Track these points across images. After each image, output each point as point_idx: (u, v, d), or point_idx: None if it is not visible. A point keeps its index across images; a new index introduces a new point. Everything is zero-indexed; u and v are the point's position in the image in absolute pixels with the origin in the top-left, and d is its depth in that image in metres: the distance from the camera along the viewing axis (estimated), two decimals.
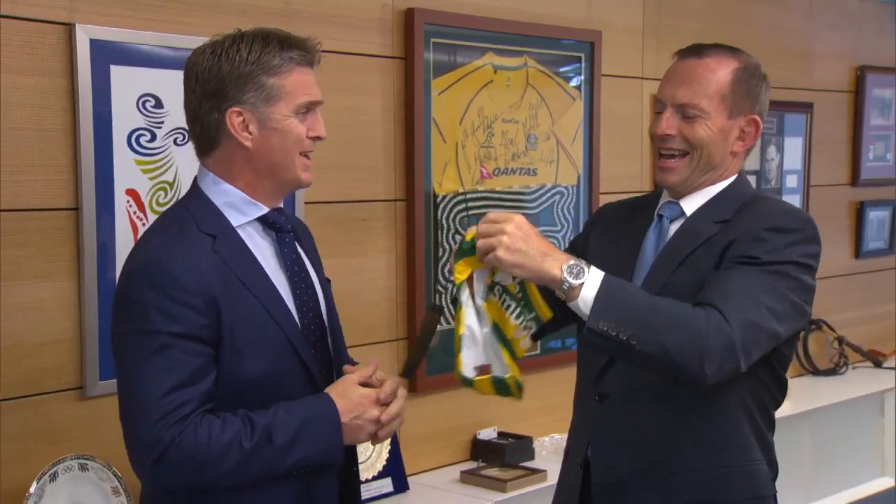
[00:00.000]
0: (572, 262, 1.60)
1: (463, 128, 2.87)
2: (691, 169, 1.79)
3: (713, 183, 1.82)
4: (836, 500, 3.90)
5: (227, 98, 1.54)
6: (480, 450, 2.91)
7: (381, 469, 2.62)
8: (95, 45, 2.09)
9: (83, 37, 2.08)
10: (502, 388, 1.70)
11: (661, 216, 1.84)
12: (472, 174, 2.91)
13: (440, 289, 2.84)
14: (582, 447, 1.84)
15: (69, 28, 2.07)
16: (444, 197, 2.84)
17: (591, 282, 1.59)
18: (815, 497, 3.82)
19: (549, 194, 3.13)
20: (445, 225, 2.85)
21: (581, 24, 3.17)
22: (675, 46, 1.87)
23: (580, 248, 1.97)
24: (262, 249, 1.61)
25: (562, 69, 3.14)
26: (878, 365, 4.29)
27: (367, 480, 2.58)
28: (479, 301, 1.66)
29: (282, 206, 1.66)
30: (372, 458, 2.62)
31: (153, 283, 1.48)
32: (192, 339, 1.49)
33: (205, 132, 1.58)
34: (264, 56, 1.55)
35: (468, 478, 2.75)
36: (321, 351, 1.66)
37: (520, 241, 1.60)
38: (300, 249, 1.68)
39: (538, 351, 3.06)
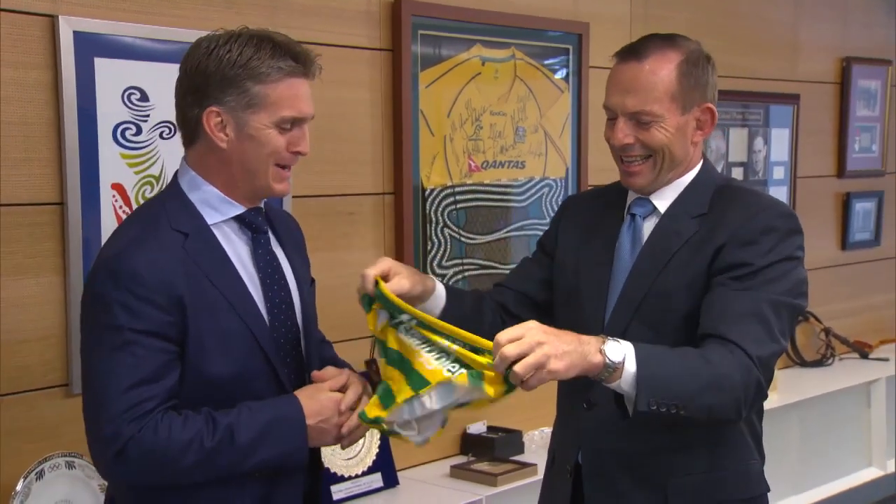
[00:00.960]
0: (605, 342, 1.56)
1: (451, 120, 2.85)
2: (656, 171, 1.77)
3: (680, 175, 1.80)
4: (824, 491, 3.92)
5: (208, 96, 1.53)
6: (470, 444, 2.90)
7: (370, 464, 2.61)
8: (79, 37, 2.06)
9: (67, 29, 2.05)
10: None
11: (633, 215, 1.82)
12: (460, 167, 2.89)
13: None
14: (570, 453, 1.82)
15: (52, 20, 2.04)
16: (432, 190, 2.82)
17: (628, 360, 1.55)
18: (802, 488, 3.84)
19: (537, 187, 3.12)
20: (434, 218, 2.83)
21: (568, 15, 3.16)
22: None
23: (550, 246, 1.95)
24: (237, 248, 1.60)
25: (549, 61, 3.13)
26: (864, 356, 4.31)
27: (356, 476, 2.57)
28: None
29: (261, 206, 1.64)
30: (362, 453, 2.61)
31: (117, 279, 1.47)
32: (155, 336, 1.48)
33: (185, 125, 1.58)
34: (253, 61, 1.52)
35: (458, 472, 2.74)
36: (292, 354, 1.64)
37: (557, 342, 1.51)
38: (279, 250, 1.66)
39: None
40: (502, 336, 1.50)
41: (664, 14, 3.46)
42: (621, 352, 1.56)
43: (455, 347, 1.55)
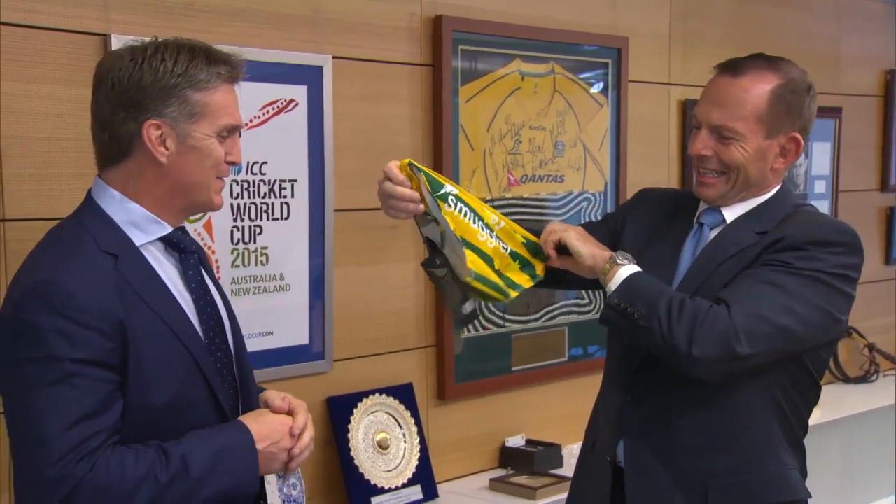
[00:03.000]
0: (624, 253, 1.76)
1: (490, 135, 2.87)
2: (729, 187, 1.78)
3: (755, 195, 1.81)
4: None
5: (147, 110, 1.45)
6: (509, 457, 2.90)
7: (410, 476, 2.62)
8: None
9: (118, 47, 2.09)
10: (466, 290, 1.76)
11: (701, 224, 1.83)
12: (499, 181, 2.91)
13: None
14: (610, 444, 1.83)
15: (105, 39, 2.10)
16: None
17: (628, 268, 1.72)
18: None
19: (576, 201, 3.13)
20: None
21: (608, 30, 3.17)
22: (701, 52, 1.86)
23: (615, 223, 2.00)
24: (166, 270, 1.52)
25: (588, 75, 3.14)
26: None
27: (396, 488, 2.58)
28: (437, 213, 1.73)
29: (184, 226, 1.58)
30: (401, 465, 2.62)
31: (50, 304, 1.35)
32: (97, 366, 1.37)
33: (115, 142, 1.48)
34: (191, 69, 1.47)
35: (497, 485, 2.74)
36: (227, 379, 1.57)
37: (586, 234, 1.82)
38: (204, 272, 1.59)
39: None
40: (551, 222, 1.85)
41: (704, 28, 3.46)
42: (630, 263, 1.73)
43: (496, 222, 1.81)
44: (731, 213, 1.81)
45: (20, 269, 1.48)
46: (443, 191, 1.73)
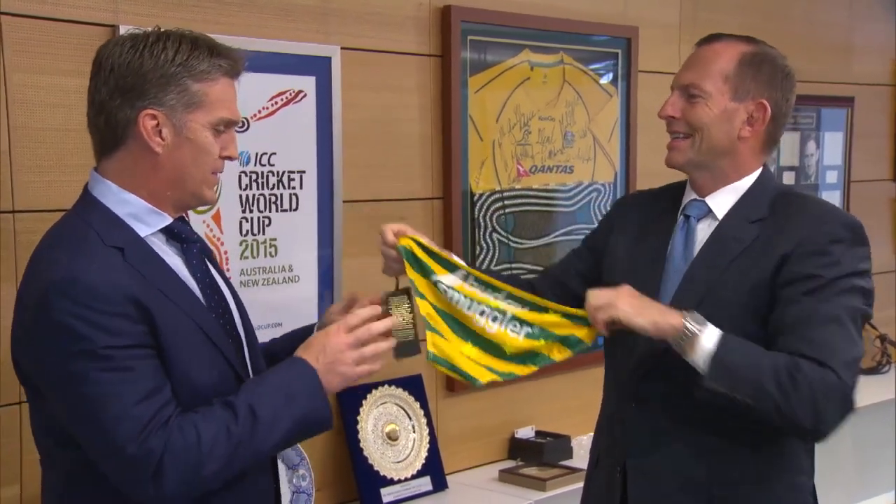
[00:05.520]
0: (689, 312, 1.63)
1: (499, 125, 2.86)
2: (694, 150, 1.77)
3: (738, 179, 1.78)
4: (878, 502, 3.84)
5: (145, 97, 1.43)
6: (518, 449, 2.90)
7: (419, 468, 2.62)
8: None
9: None
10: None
11: (687, 216, 1.81)
12: (508, 172, 2.90)
13: None
14: (618, 453, 1.81)
15: (113, 30, 2.09)
16: (480, 195, 2.83)
17: (708, 337, 1.61)
18: (856, 499, 3.77)
19: (585, 192, 3.11)
20: (482, 223, 2.84)
21: (617, 20, 3.15)
22: None
23: (595, 242, 1.97)
24: (172, 260, 1.51)
25: (598, 66, 3.12)
26: None
27: (405, 479, 2.58)
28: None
29: (184, 216, 1.57)
30: (410, 457, 2.63)
31: (77, 301, 1.36)
32: (138, 347, 1.39)
33: (110, 128, 1.46)
34: (192, 59, 1.45)
35: (507, 477, 2.74)
36: (241, 363, 1.56)
37: (637, 298, 1.67)
38: (207, 262, 1.59)
39: None
40: (592, 291, 1.69)
41: (714, 18, 3.43)
42: (704, 325, 1.61)
43: (510, 307, 1.68)
44: (716, 203, 1.78)
45: (30, 271, 1.47)
46: (435, 278, 1.70)
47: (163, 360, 1.42)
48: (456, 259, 1.76)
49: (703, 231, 1.79)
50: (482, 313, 1.69)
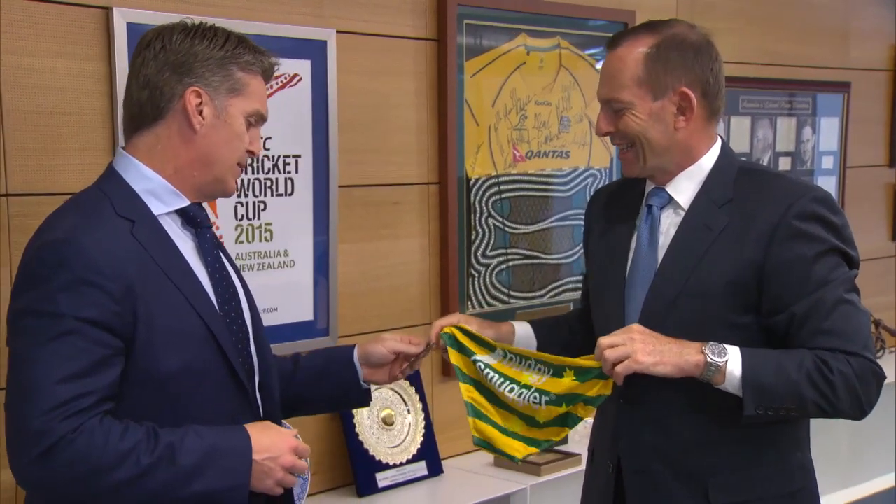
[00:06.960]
0: (706, 344, 1.63)
1: (495, 110, 2.85)
2: (642, 158, 1.75)
3: (693, 162, 1.76)
4: (872, 487, 3.86)
5: (193, 74, 1.51)
6: None
7: (415, 453, 2.62)
8: (133, 28, 2.09)
9: (121, 21, 2.08)
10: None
11: (650, 206, 1.79)
12: (504, 157, 2.89)
13: (473, 272, 2.83)
14: (610, 450, 1.81)
15: (107, 12, 2.08)
16: (476, 180, 2.82)
17: (733, 363, 1.62)
18: (850, 483, 3.79)
19: (581, 177, 3.11)
20: (478, 208, 2.84)
21: (614, 4, 3.14)
22: (709, 25, 1.82)
23: (588, 250, 1.97)
24: (182, 242, 1.53)
25: (595, 50, 3.10)
26: None
27: (401, 464, 2.59)
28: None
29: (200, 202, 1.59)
30: (406, 441, 2.63)
31: (66, 261, 1.37)
32: (99, 327, 1.37)
33: (153, 102, 1.51)
34: (239, 49, 1.55)
35: (502, 461, 2.75)
36: (241, 352, 1.56)
37: (651, 341, 1.63)
38: (219, 249, 1.61)
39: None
40: (603, 340, 1.63)
41: (711, 1, 3.42)
42: (725, 353, 1.61)
43: (532, 379, 1.74)
44: (678, 192, 1.76)
45: (40, 227, 1.49)
46: (474, 357, 1.81)
47: (135, 343, 1.41)
48: (496, 342, 1.82)
49: (668, 219, 1.77)
50: (511, 390, 1.76)
